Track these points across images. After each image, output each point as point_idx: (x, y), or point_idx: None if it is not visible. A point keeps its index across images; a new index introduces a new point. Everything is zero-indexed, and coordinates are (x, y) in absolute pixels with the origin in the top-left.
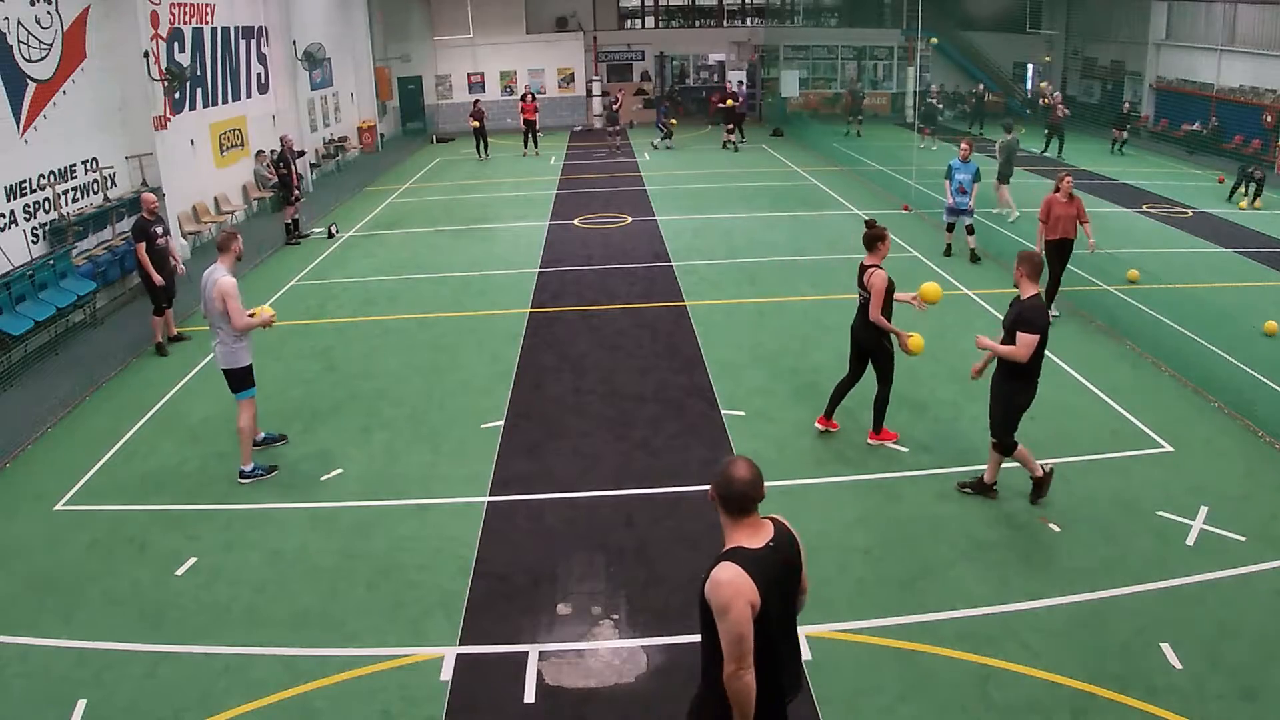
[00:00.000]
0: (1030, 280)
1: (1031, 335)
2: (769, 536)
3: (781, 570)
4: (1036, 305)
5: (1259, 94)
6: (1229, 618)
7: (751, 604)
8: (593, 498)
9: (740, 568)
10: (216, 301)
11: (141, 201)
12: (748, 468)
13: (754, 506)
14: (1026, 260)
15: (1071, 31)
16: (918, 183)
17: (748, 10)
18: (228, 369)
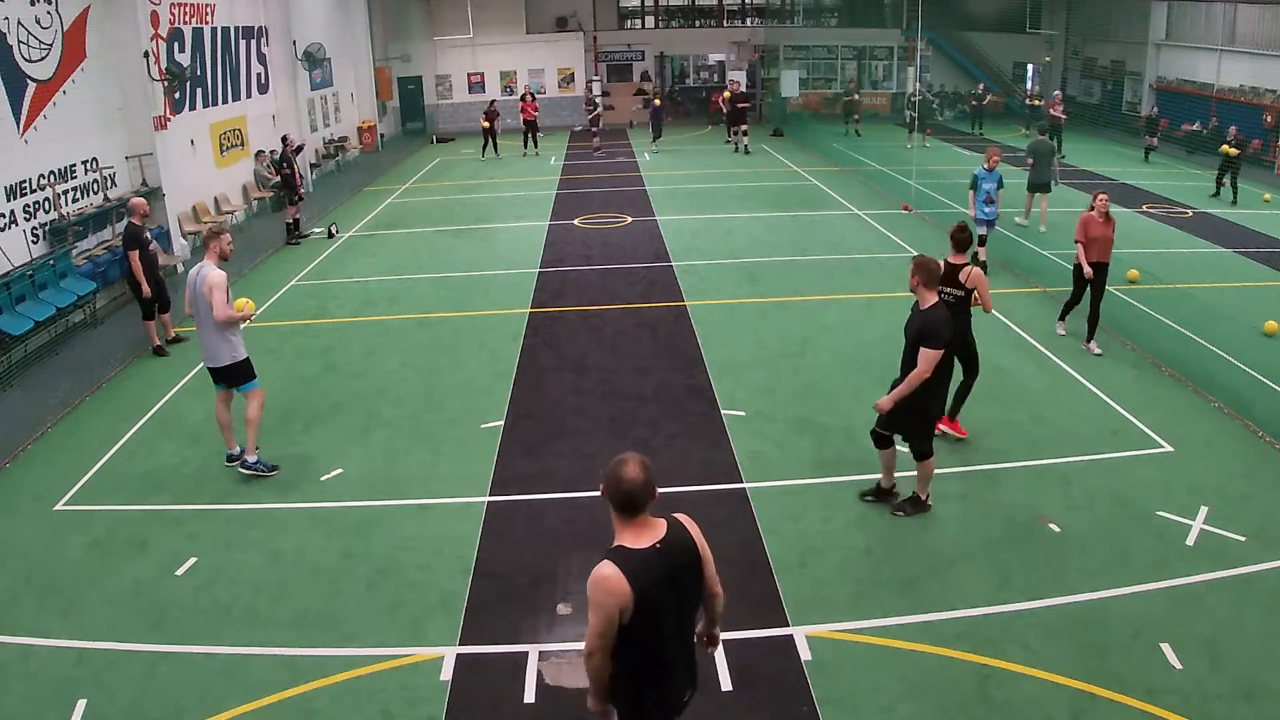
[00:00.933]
0: (927, 288)
1: (935, 350)
2: (658, 538)
3: (669, 572)
4: (938, 318)
5: (1259, 94)
6: (1229, 618)
7: (621, 607)
8: (593, 498)
9: (618, 568)
10: (206, 295)
11: (131, 207)
12: (637, 468)
13: (642, 507)
14: (921, 268)
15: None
16: (918, 183)
17: (748, 10)
18: (229, 365)
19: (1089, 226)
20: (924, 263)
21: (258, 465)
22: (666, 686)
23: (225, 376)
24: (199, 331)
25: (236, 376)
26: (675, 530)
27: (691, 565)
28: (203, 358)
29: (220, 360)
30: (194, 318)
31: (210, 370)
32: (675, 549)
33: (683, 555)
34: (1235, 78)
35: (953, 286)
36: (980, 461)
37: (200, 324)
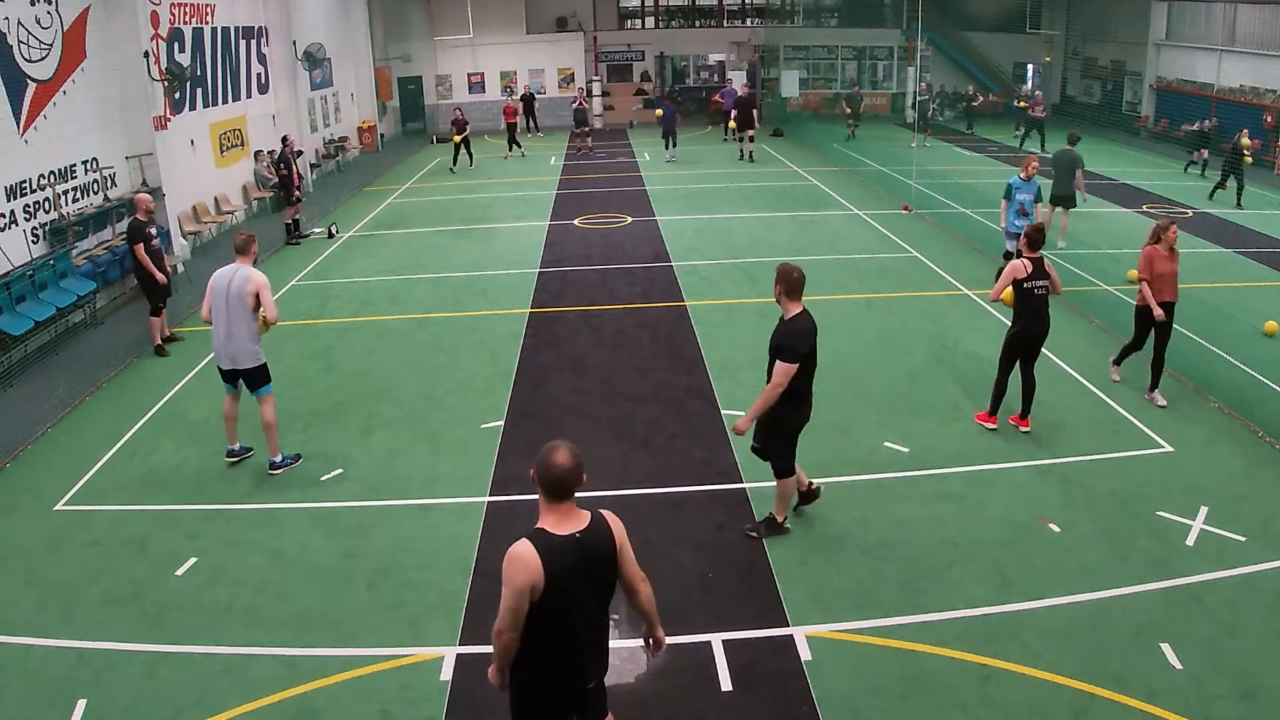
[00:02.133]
0: (789, 298)
1: (790, 365)
2: (579, 527)
3: (584, 562)
4: (795, 329)
5: (1259, 94)
6: (1229, 618)
7: (534, 585)
8: (593, 498)
9: (534, 549)
10: (249, 296)
11: (136, 203)
12: (568, 454)
13: (569, 493)
14: (783, 277)
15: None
16: (918, 183)
17: (748, 10)
18: (254, 367)
19: (1154, 261)
20: (784, 271)
21: (285, 461)
22: (570, 672)
23: (246, 378)
24: (225, 335)
25: (257, 379)
26: (597, 523)
27: (608, 559)
28: (223, 362)
29: (246, 363)
30: (216, 321)
31: (228, 372)
32: (594, 541)
33: (600, 548)
34: (1235, 78)
35: (1042, 279)
36: (980, 461)
37: (228, 327)
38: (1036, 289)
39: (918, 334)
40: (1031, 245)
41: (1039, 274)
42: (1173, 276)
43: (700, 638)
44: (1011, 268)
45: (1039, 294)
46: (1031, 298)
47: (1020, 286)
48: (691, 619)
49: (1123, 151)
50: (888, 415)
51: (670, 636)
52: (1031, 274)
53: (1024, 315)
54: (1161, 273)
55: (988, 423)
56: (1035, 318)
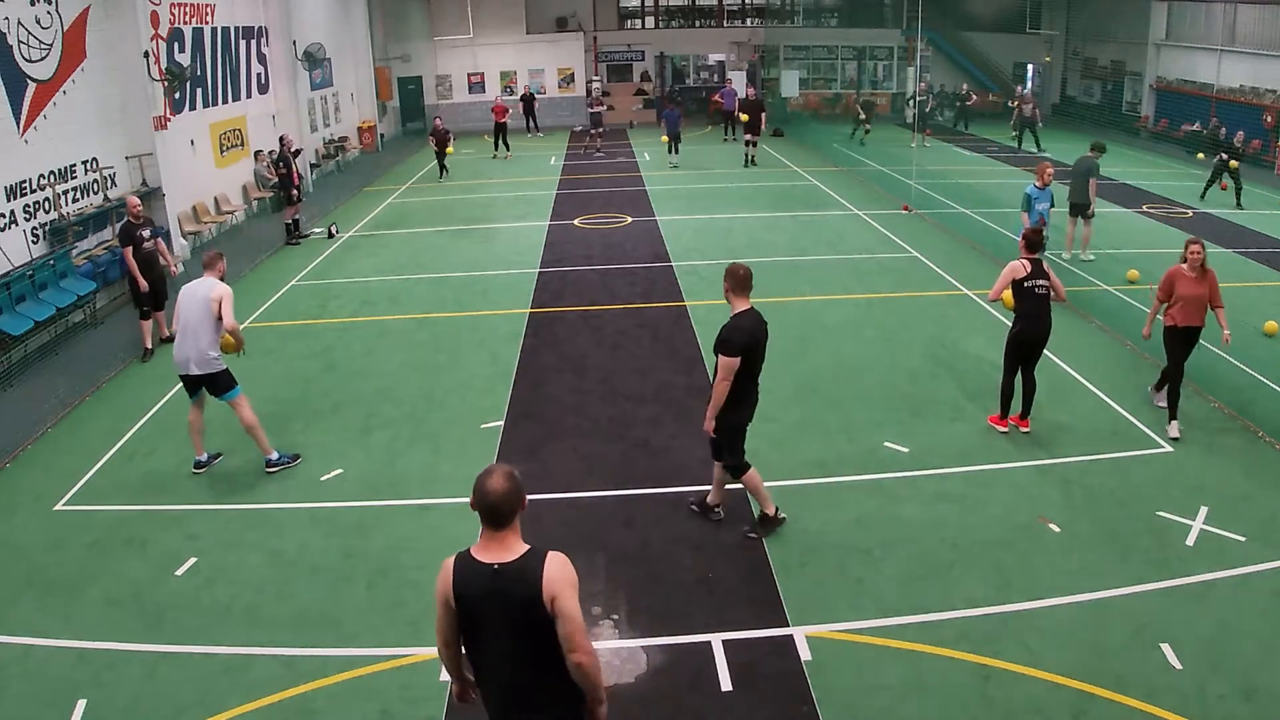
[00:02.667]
0: (735, 294)
1: (729, 359)
2: (504, 559)
3: (496, 595)
4: (737, 325)
5: (1259, 94)
6: (1229, 618)
7: (446, 599)
8: (593, 498)
9: (452, 564)
10: (213, 303)
11: (127, 205)
12: (502, 480)
13: (505, 520)
14: (730, 275)
15: (1071, 31)
16: (918, 183)
17: (748, 10)
18: (212, 374)
19: (1175, 282)
20: (731, 269)
21: (281, 460)
22: (490, 701)
23: (208, 385)
24: (182, 338)
25: (219, 385)
26: (527, 562)
27: (526, 601)
28: (179, 367)
29: (202, 369)
30: (179, 328)
31: (188, 379)
32: (511, 578)
33: (517, 587)
34: (1235, 78)
35: (1042, 278)
36: (980, 461)
37: (187, 334)
38: (1037, 288)
39: (918, 334)
40: (1030, 247)
41: (1038, 274)
42: (1198, 301)
43: (700, 638)
44: (1010, 268)
45: (1039, 293)
46: (1031, 297)
47: (1020, 286)
48: (691, 619)
49: (1123, 151)
50: (888, 415)
51: (670, 637)
52: (1030, 274)
53: (1024, 316)
54: (1182, 295)
55: (999, 425)
56: (1035, 319)
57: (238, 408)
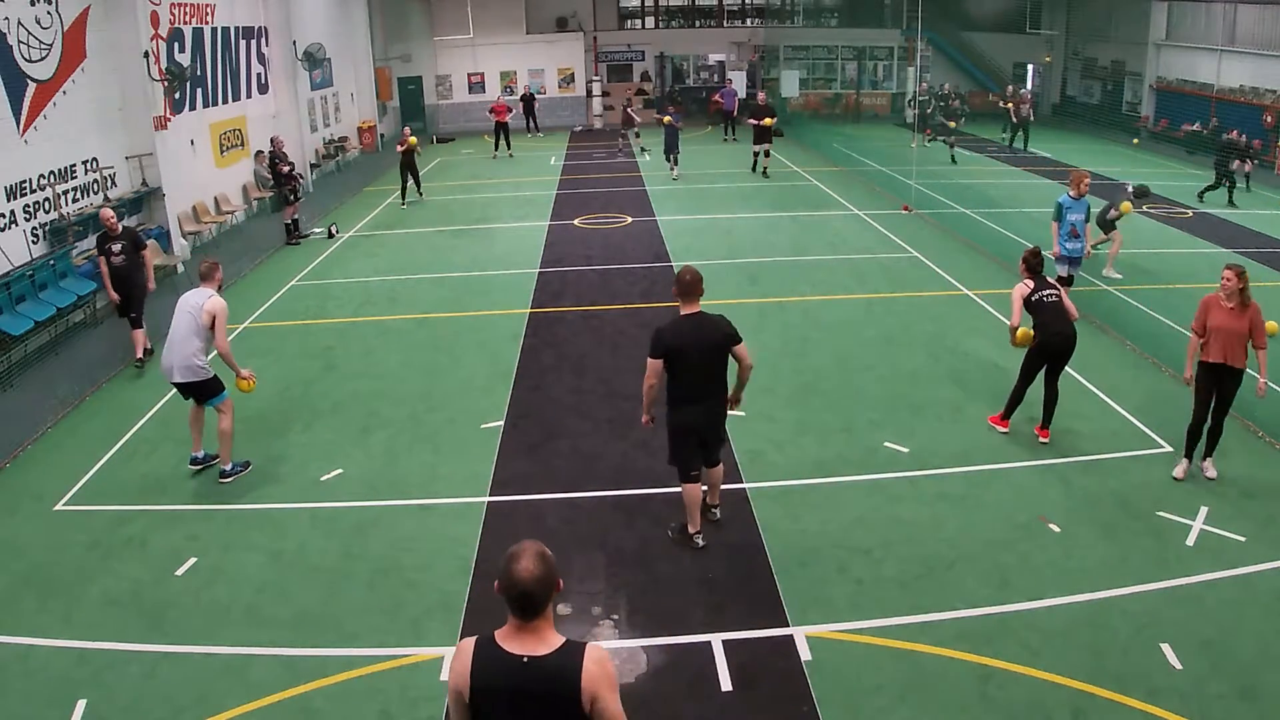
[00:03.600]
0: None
1: (648, 359)
2: (536, 652)
3: (521, 693)
4: (664, 326)
5: (1259, 94)
6: (1229, 618)
7: (458, 690)
8: (593, 498)
9: (469, 657)
10: (204, 315)
11: (100, 218)
12: (534, 563)
13: (535, 611)
14: (677, 279)
15: (1071, 31)
16: (918, 183)
17: (748, 10)
18: (199, 381)
19: (1209, 311)
20: (679, 274)
21: (235, 469)
22: None
23: (194, 393)
24: (169, 346)
25: (206, 392)
26: (562, 657)
27: (561, 701)
28: (166, 375)
29: (185, 376)
30: (168, 336)
31: (178, 385)
32: (544, 674)
33: (553, 685)
34: (1235, 78)
35: (1049, 288)
36: (980, 461)
37: (174, 343)
38: (1047, 297)
39: (918, 334)
40: (1030, 270)
41: (1043, 285)
42: (1237, 337)
43: (700, 638)
44: (1016, 290)
45: (1050, 301)
46: (1044, 307)
47: (1030, 302)
48: (691, 619)
49: (1123, 151)
50: (888, 415)
51: (670, 637)
52: (1035, 287)
53: (1041, 326)
54: (1215, 327)
55: (999, 426)
56: (1055, 327)
57: (220, 413)
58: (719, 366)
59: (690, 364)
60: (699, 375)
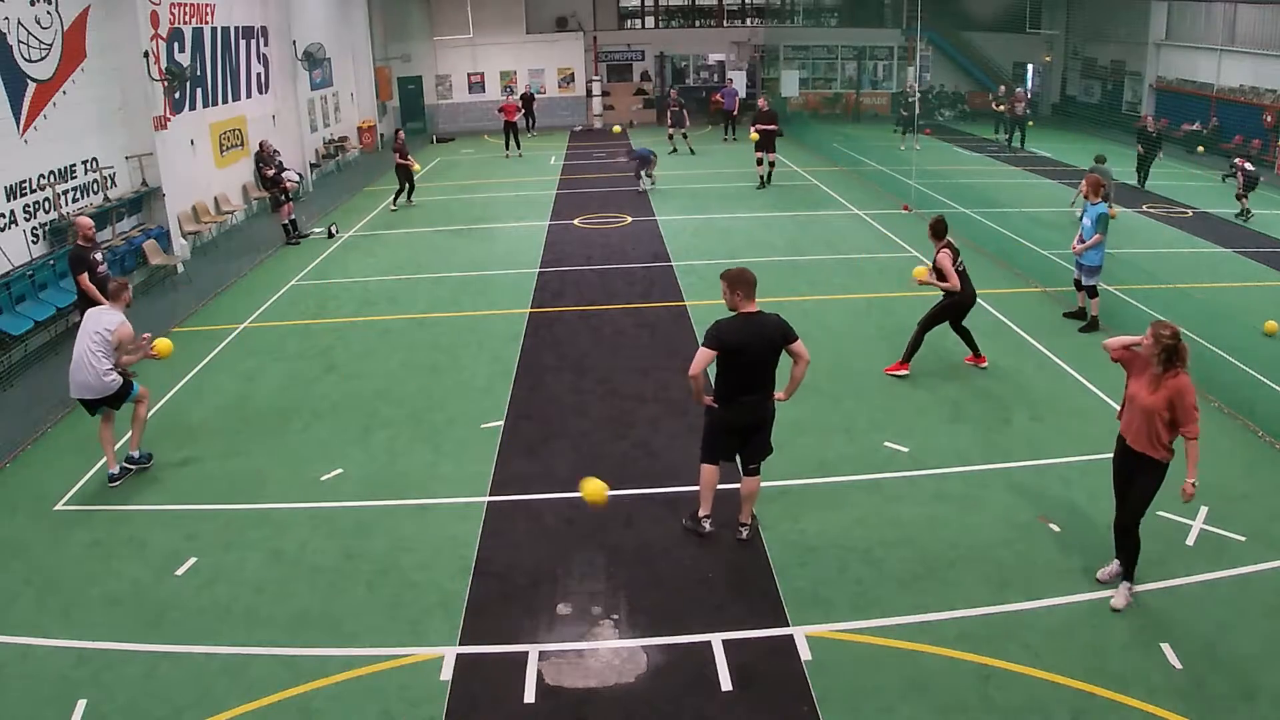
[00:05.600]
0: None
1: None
2: None
3: None
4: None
5: (1259, 94)
6: (1229, 618)
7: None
8: None
9: None
10: (113, 339)
11: (76, 226)
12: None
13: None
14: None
15: (1071, 31)
16: (918, 183)
17: (748, 10)
18: (112, 395)
19: (1132, 367)
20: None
21: (140, 459)
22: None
23: (110, 402)
24: (80, 369)
25: (118, 399)
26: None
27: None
28: (74, 393)
29: (103, 392)
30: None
31: (87, 403)
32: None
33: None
34: (1235, 78)
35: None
36: (980, 461)
37: (84, 363)
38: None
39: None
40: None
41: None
42: (1142, 411)
43: (700, 638)
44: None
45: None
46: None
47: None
48: (691, 619)
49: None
50: (888, 415)
51: (670, 637)
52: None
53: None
54: (1129, 393)
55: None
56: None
57: (138, 403)
58: (770, 366)
59: (745, 361)
60: (751, 373)
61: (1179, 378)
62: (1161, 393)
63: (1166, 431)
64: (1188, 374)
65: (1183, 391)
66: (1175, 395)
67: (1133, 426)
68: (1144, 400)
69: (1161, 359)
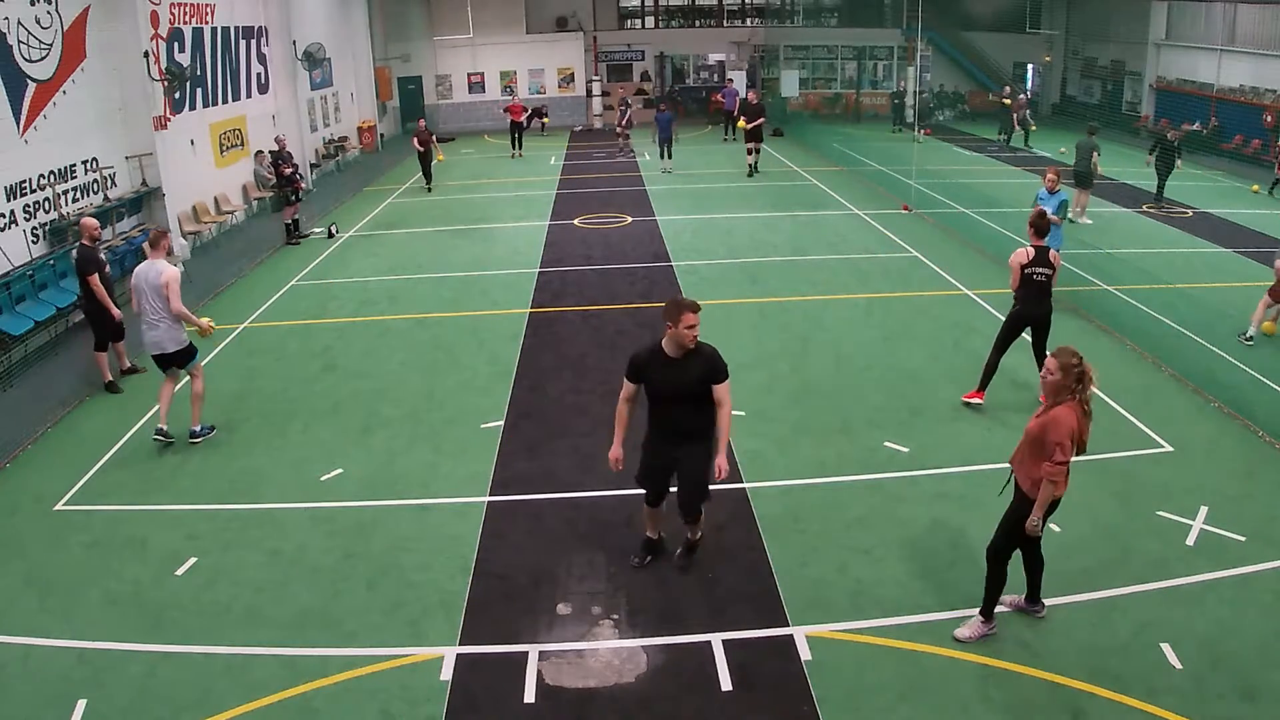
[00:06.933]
0: None
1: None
2: None
3: None
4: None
5: (1259, 94)
6: (1229, 618)
7: None
8: (593, 498)
9: None
10: (163, 289)
11: (82, 227)
12: None
13: None
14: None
15: (1071, 31)
16: (918, 182)
17: (748, 10)
18: (177, 350)
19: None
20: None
21: (203, 431)
22: None
23: (175, 360)
24: (146, 326)
25: (183, 358)
26: None
27: None
28: (149, 350)
29: (168, 347)
30: (140, 314)
31: (158, 358)
32: None
33: None
34: (1235, 78)
35: (1044, 266)
36: (980, 461)
37: (148, 318)
38: (1036, 275)
39: (918, 334)
40: (1038, 233)
41: (1041, 261)
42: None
43: (700, 638)
44: (1015, 255)
45: (1038, 280)
46: (1030, 283)
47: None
48: (691, 619)
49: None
50: (888, 415)
51: (670, 636)
52: (1033, 260)
53: (1022, 300)
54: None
55: (975, 399)
56: (1034, 303)
57: (195, 376)
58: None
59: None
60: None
61: (1060, 408)
62: (1039, 421)
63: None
64: (1076, 406)
65: (1056, 423)
66: (1049, 425)
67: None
68: (1028, 428)
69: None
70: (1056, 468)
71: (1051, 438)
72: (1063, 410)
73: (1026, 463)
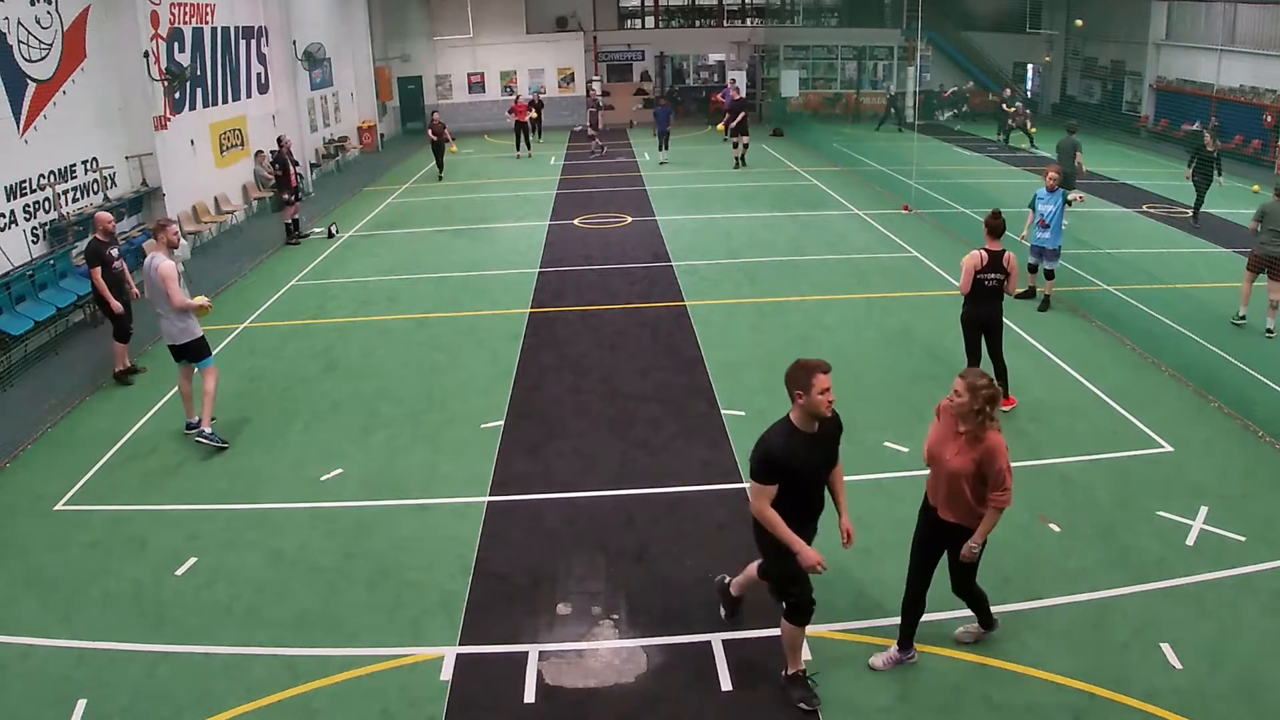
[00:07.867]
0: None
1: None
2: None
3: None
4: None
5: (1259, 94)
6: (1229, 618)
7: None
8: (593, 498)
9: None
10: (161, 284)
11: (95, 221)
12: None
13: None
14: None
15: (1071, 31)
16: (918, 183)
17: (748, 10)
18: (187, 342)
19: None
20: None
21: (212, 437)
22: None
23: (185, 353)
24: (159, 316)
25: (195, 353)
26: None
27: None
28: (166, 338)
29: (178, 339)
30: (151, 305)
31: (171, 348)
32: None
33: None
34: (1235, 78)
35: (996, 271)
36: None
37: (157, 309)
38: (987, 281)
39: (918, 334)
40: (992, 234)
41: (994, 267)
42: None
43: (700, 638)
44: (970, 258)
45: (989, 286)
46: (981, 287)
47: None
48: (691, 619)
49: (1123, 151)
50: (888, 415)
51: (670, 637)
52: (987, 266)
53: (969, 301)
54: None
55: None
56: (984, 306)
57: (206, 375)
58: None
59: None
60: None
61: (988, 437)
62: (969, 455)
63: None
64: (998, 429)
65: (993, 453)
66: (985, 458)
67: (940, 494)
68: (951, 464)
69: (983, 412)
70: (1007, 493)
71: (996, 466)
72: (994, 437)
73: (960, 497)
